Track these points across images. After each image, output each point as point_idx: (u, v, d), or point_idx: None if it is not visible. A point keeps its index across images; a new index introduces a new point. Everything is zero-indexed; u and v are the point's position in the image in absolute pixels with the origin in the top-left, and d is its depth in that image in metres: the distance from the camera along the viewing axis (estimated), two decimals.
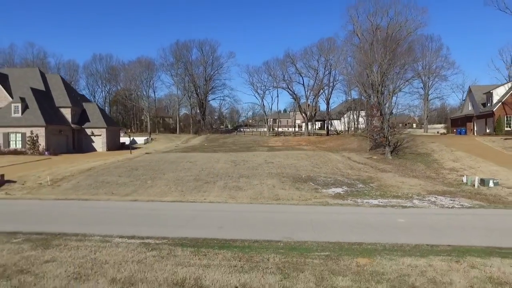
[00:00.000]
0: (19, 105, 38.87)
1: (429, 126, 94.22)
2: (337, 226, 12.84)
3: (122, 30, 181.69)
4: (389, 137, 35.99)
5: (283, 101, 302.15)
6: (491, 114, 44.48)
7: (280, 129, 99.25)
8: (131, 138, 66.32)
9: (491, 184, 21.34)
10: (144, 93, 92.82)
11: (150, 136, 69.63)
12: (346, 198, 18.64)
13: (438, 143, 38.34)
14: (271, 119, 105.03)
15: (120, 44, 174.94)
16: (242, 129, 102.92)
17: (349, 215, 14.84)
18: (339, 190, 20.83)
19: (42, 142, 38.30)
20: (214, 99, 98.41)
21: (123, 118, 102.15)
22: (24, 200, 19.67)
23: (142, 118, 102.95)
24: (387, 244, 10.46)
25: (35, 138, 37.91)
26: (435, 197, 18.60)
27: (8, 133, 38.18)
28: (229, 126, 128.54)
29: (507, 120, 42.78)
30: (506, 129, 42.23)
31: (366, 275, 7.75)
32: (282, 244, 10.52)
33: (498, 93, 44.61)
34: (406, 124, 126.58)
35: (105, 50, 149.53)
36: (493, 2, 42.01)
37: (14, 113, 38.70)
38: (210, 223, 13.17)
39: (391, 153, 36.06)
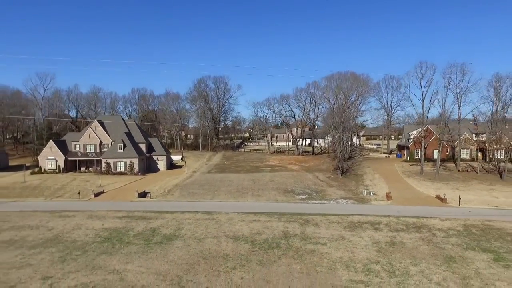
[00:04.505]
0: (122, 144, 64.92)
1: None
2: (296, 208, 39.04)
3: (153, 68, 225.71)
4: (340, 165, 62.17)
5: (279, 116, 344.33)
6: (409, 147, 71.04)
7: (278, 144, 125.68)
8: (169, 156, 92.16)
9: (371, 194, 47.58)
10: (172, 113, 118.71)
11: (182, 155, 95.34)
12: (305, 200, 44.92)
13: (370, 168, 64.61)
14: (270, 134, 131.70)
15: (152, 79, 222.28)
16: (246, 143, 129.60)
17: (302, 206, 41.11)
18: (303, 196, 47.06)
19: (136, 167, 64.33)
20: (224, 120, 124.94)
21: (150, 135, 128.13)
22: (165, 202, 45.47)
23: (164, 134, 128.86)
24: (308, 213, 36.58)
25: (132, 165, 63.95)
26: (341, 200, 44.87)
27: (116, 161, 64.19)
28: (233, 137, 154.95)
29: (416, 152, 69.38)
30: (415, 157, 68.85)
31: (297, 218, 34.13)
32: (278, 213, 36.65)
33: (413, 134, 71.19)
34: (387, 137, 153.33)
35: (141, 84, 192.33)
36: (404, 88, 69.25)
37: (118, 149, 64.77)
38: (255, 207, 39.29)
39: (341, 174, 62.21)
